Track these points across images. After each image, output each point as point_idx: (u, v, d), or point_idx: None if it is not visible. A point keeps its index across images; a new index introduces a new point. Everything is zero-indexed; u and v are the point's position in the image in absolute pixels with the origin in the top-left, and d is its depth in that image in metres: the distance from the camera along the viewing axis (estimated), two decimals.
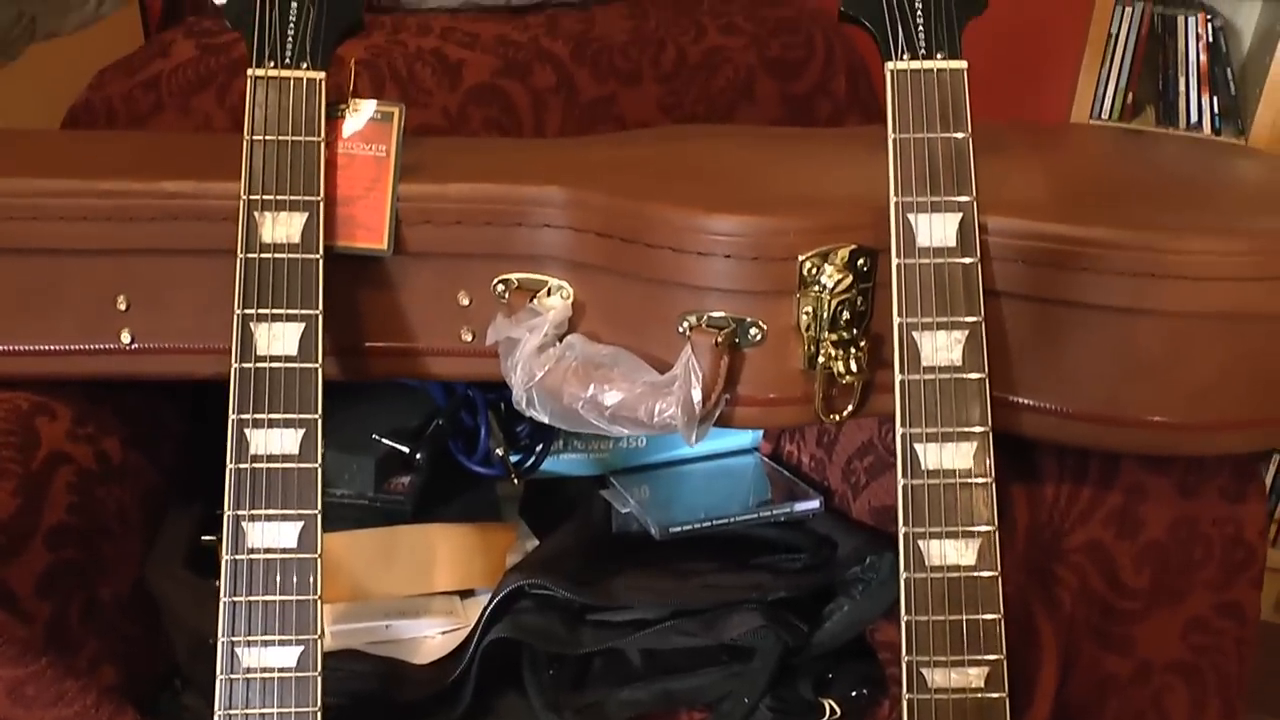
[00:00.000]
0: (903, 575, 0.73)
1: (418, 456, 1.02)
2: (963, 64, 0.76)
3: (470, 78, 1.23)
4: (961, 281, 0.74)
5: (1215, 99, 1.60)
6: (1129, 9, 1.61)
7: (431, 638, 0.95)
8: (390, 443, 1.02)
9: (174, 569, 0.91)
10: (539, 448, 1.07)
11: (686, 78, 1.29)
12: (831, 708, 0.90)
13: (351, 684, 0.88)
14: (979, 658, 0.72)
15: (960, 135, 0.75)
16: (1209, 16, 1.59)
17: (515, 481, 1.04)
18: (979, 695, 0.72)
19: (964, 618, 0.73)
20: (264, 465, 0.75)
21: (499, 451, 1.04)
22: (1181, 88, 1.59)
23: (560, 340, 0.83)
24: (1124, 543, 0.84)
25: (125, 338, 0.84)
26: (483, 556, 1.00)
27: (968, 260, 0.74)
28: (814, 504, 1.04)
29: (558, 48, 1.28)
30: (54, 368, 0.84)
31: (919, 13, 0.76)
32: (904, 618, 0.73)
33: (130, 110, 1.19)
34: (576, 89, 1.26)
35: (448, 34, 1.28)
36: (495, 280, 0.84)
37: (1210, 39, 1.57)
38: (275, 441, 0.75)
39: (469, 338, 0.85)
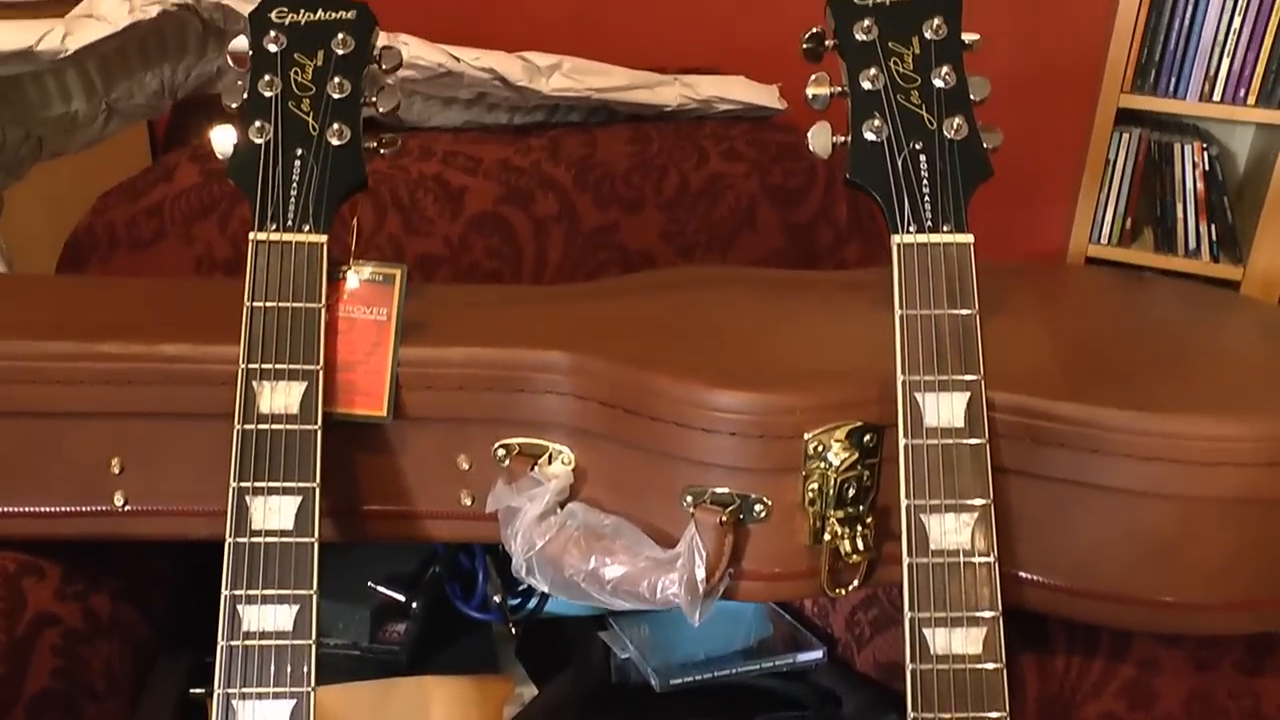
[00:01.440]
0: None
1: (414, 605, 1.00)
2: (969, 238, 0.75)
3: (472, 206, 1.23)
4: (970, 462, 0.73)
5: (1213, 226, 1.60)
6: (1126, 136, 1.62)
7: None
8: (386, 591, 1.00)
9: None
10: (537, 594, 1.05)
11: (688, 205, 1.29)
12: None
13: None
14: None
15: (967, 312, 0.74)
16: (1205, 145, 1.60)
17: (512, 629, 1.02)
18: None
19: None
20: (256, 642, 0.73)
21: (496, 599, 1.03)
22: (1179, 214, 1.60)
23: (561, 507, 0.81)
24: (1138, 715, 0.82)
25: (118, 500, 0.82)
26: (479, 709, 0.97)
27: (976, 441, 0.73)
28: (817, 654, 1.02)
29: (560, 174, 1.28)
30: (45, 529, 0.83)
31: (925, 182, 0.76)
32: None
33: (132, 237, 1.19)
34: (578, 217, 1.26)
35: (450, 159, 1.28)
36: (496, 445, 0.83)
37: (1206, 167, 1.58)
38: (269, 618, 0.73)
39: (469, 501, 0.84)
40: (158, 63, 1.29)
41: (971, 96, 0.78)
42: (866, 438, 0.76)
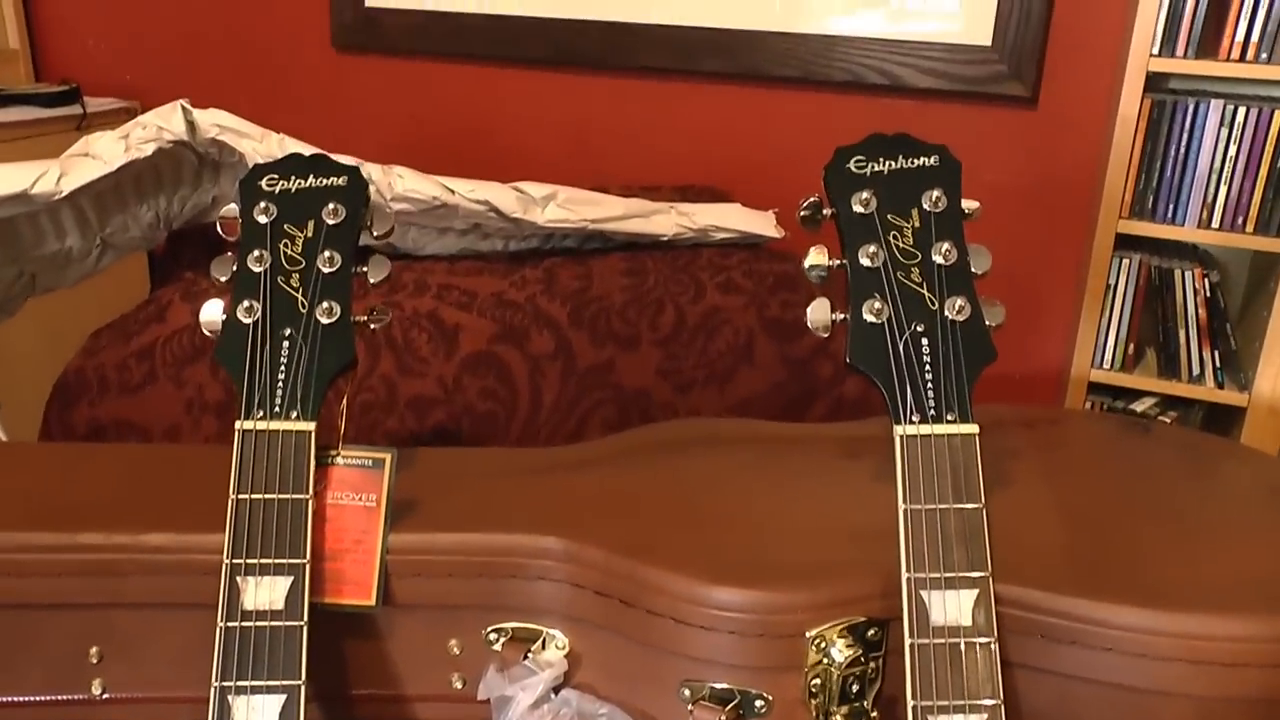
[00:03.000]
0: None
1: None
2: (974, 429, 0.74)
3: (467, 345, 1.22)
4: (979, 661, 0.70)
5: (1216, 352, 1.59)
6: (1126, 261, 1.61)
7: None
8: None
9: None
10: None
11: (685, 341, 1.27)
12: None
13: None
14: None
15: (973, 506, 0.72)
16: (1205, 270, 1.60)
17: None
18: None
19: None
20: None
21: None
22: (1182, 340, 1.59)
23: (555, 693, 0.79)
24: None
25: (96, 689, 0.80)
26: None
27: (984, 640, 0.70)
28: None
29: (555, 309, 1.27)
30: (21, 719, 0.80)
31: (928, 368, 0.75)
32: None
33: (123, 381, 1.17)
34: (574, 355, 1.24)
35: (444, 293, 1.27)
36: (488, 630, 0.80)
37: (1208, 293, 1.58)
38: None
39: (460, 685, 0.81)
40: (153, 195, 1.29)
41: (973, 270, 0.76)
42: (870, 632, 0.74)
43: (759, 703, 0.74)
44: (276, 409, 0.77)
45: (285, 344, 0.78)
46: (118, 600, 0.78)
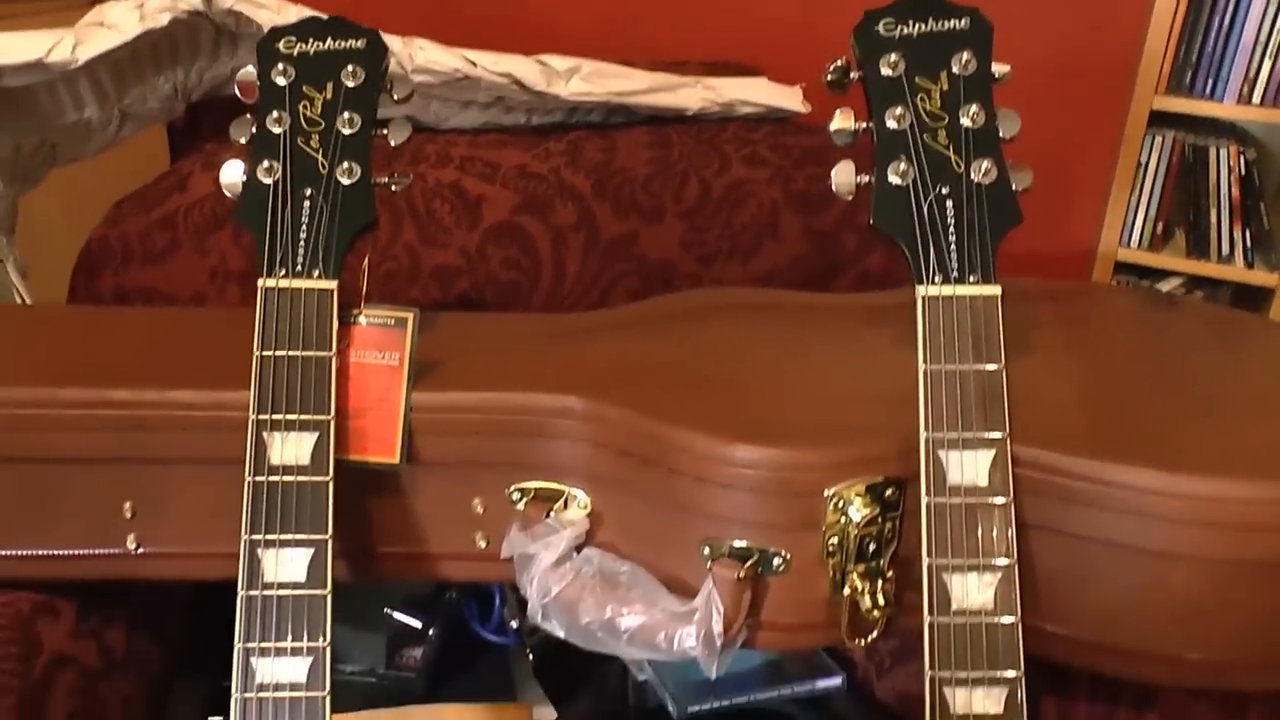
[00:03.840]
0: None
1: (430, 631, 1.00)
2: (996, 290, 0.73)
3: (489, 215, 1.21)
4: (994, 521, 0.71)
5: (1248, 231, 1.56)
6: (1160, 138, 1.57)
7: None
8: (403, 618, 1.00)
9: None
10: None
11: (709, 213, 1.26)
12: None
13: None
14: None
15: (993, 367, 0.72)
16: (1240, 148, 1.56)
17: (529, 655, 1.02)
18: None
19: None
20: (270, 694, 0.73)
21: (514, 624, 1.02)
22: (1213, 219, 1.56)
23: (578, 551, 0.80)
24: None
25: (131, 543, 0.82)
26: None
27: (1000, 500, 0.71)
28: (835, 681, 1.01)
29: (579, 181, 1.26)
30: (58, 571, 0.82)
31: (951, 230, 0.74)
32: None
33: (146, 249, 1.18)
34: (598, 226, 1.23)
35: (467, 165, 1.26)
36: (511, 489, 0.81)
37: (1242, 171, 1.54)
38: (282, 670, 0.73)
39: (483, 544, 0.83)
40: (170, 67, 1.27)
41: (1001, 135, 0.75)
42: (888, 492, 0.74)
43: (777, 560, 0.75)
44: (298, 268, 0.77)
45: (306, 204, 0.78)
46: (147, 455, 0.80)
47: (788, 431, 0.75)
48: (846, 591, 0.75)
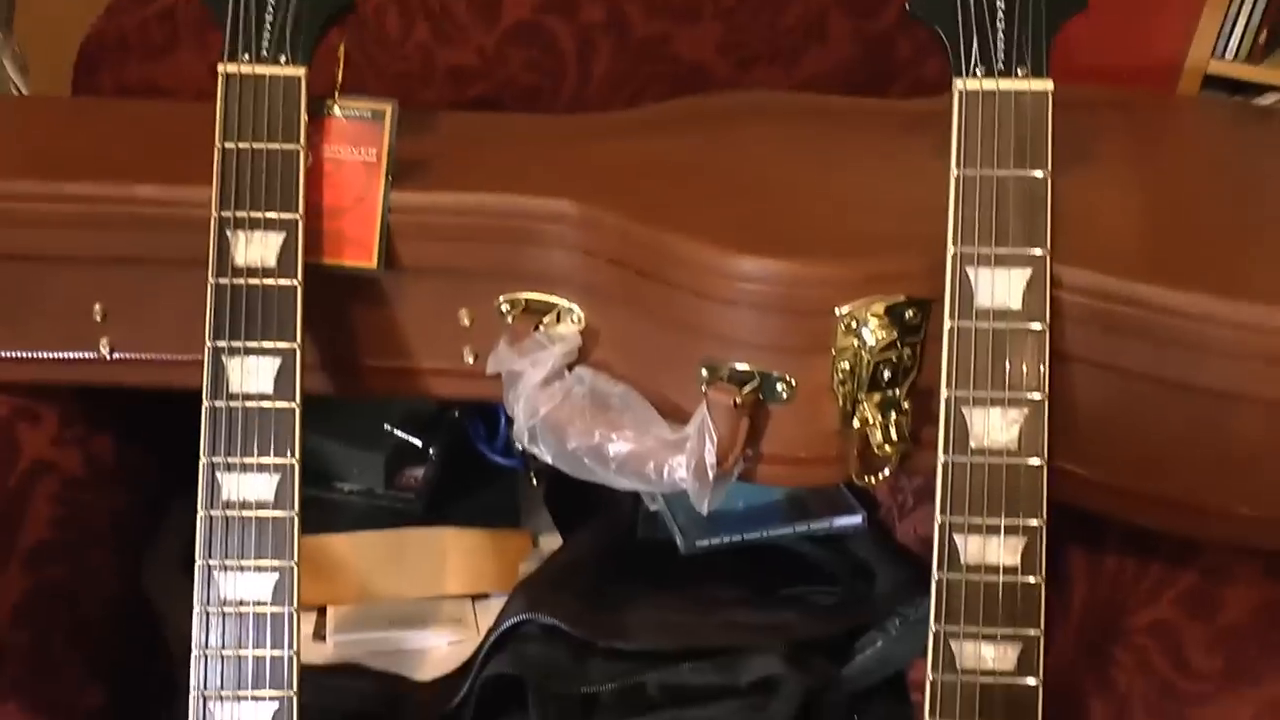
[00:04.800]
0: (930, 677, 0.65)
1: (431, 451, 0.96)
2: (1047, 85, 0.63)
3: (510, 14, 1.11)
4: (1026, 351, 0.63)
5: None
6: None
7: (438, 648, 0.90)
8: (402, 434, 0.96)
9: (173, 576, 0.87)
10: None
11: (750, 14, 1.14)
12: None
13: (349, 702, 0.85)
14: None
15: (1038, 174, 0.63)
16: None
17: (534, 481, 0.98)
18: None
19: None
20: (237, 513, 0.69)
21: (519, 445, 0.97)
22: None
23: (569, 370, 0.74)
24: (1197, 624, 0.75)
25: (104, 348, 0.78)
26: (495, 562, 0.94)
27: (1035, 326, 0.63)
28: (855, 520, 0.96)
29: None
30: (34, 374, 0.79)
31: (1000, 14, 0.64)
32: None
33: (144, 44, 1.11)
34: (628, 26, 1.13)
35: None
36: (500, 299, 0.75)
37: None
38: (249, 487, 0.69)
39: (471, 359, 0.77)
40: None
41: None
42: (909, 314, 0.66)
43: (780, 386, 0.68)
44: (264, 53, 0.69)
45: None
46: (112, 254, 0.74)
47: (799, 242, 0.67)
48: (857, 424, 0.68)
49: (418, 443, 0.95)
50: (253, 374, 0.69)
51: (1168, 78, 1.49)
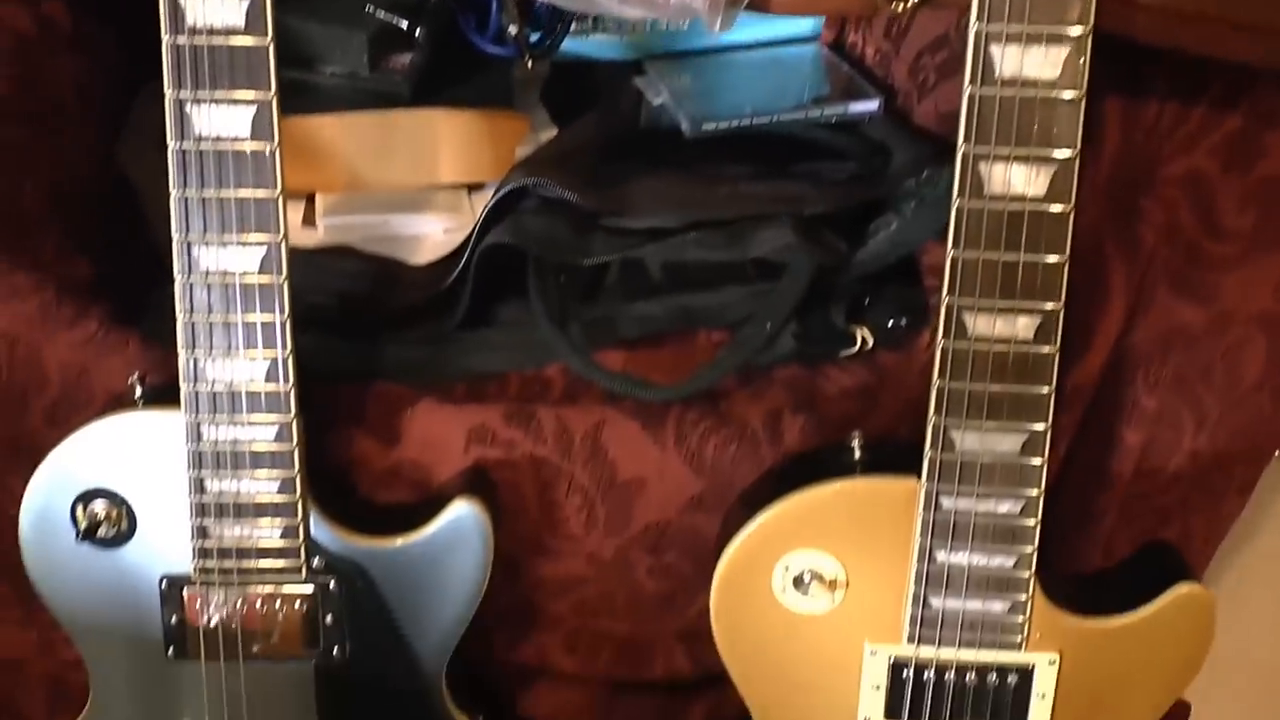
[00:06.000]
0: (956, 202, 0.62)
1: (417, 33, 0.89)
2: None
3: None
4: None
5: None
6: None
7: (433, 235, 0.87)
8: (385, 15, 0.88)
9: (148, 150, 0.82)
10: (559, 25, 0.93)
11: None
12: (864, 337, 0.82)
13: (340, 283, 0.82)
14: (1032, 306, 0.62)
15: None
16: None
17: (529, 64, 0.91)
18: (1025, 348, 0.62)
19: (1022, 258, 0.61)
20: (204, 41, 0.63)
21: (513, 30, 0.91)
22: None
23: None
24: (1231, 177, 0.70)
25: None
26: (491, 147, 0.89)
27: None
28: (872, 105, 0.91)
29: None
30: None
31: None
32: (951, 252, 0.62)
33: None
34: None
35: None
36: None
37: None
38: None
39: None
40: None
41: None
42: None
43: None
44: None
45: None
46: None
47: None
48: None
49: (403, 24, 0.88)
50: None
51: None
